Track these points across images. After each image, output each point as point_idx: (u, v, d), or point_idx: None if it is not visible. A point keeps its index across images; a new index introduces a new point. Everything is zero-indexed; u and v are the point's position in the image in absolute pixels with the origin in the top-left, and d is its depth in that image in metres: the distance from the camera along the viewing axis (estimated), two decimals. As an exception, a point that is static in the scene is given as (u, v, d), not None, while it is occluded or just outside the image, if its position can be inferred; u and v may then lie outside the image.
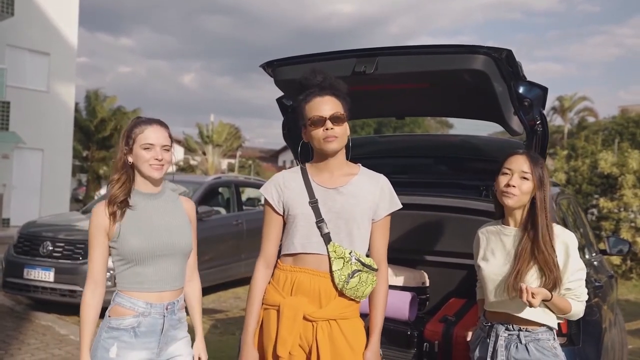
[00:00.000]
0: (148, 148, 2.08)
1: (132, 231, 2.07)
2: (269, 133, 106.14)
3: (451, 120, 38.55)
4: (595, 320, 2.76)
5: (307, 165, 2.23)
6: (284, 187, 2.19)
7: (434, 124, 41.34)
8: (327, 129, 2.07)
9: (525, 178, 2.15)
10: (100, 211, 2.08)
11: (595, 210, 10.91)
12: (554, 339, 2.19)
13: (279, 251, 2.24)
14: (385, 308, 2.19)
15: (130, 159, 2.11)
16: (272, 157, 58.08)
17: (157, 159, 2.08)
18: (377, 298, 2.18)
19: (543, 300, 2.06)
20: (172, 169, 2.21)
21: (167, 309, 2.12)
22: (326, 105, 2.10)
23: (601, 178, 10.89)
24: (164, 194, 2.21)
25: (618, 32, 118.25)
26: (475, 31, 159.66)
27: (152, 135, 2.09)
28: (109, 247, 2.09)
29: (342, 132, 2.10)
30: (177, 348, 2.17)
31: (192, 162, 33.78)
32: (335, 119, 2.09)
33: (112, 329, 2.06)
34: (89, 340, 2.06)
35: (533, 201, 2.17)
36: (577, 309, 2.15)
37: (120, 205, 2.07)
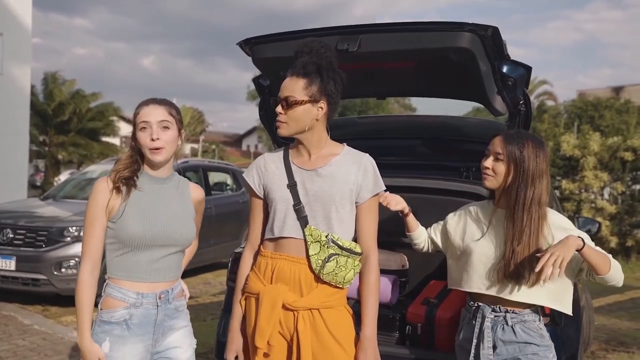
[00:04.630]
0: (144, 127, 1.97)
1: (134, 215, 1.95)
2: (233, 117, 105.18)
3: (414, 104, 38.91)
4: (575, 299, 2.79)
5: (290, 146, 2.13)
6: (264, 170, 2.11)
7: (397, 107, 41.61)
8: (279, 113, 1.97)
9: (498, 159, 2.12)
10: (103, 187, 1.95)
11: (557, 192, 11.20)
12: (540, 320, 2.19)
13: (262, 236, 2.16)
14: (377, 299, 2.07)
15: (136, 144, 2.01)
16: (236, 141, 57.64)
17: (151, 139, 1.95)
18: (366, 288, 2.07)
19: (579, 252, 1.93)
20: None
21: (160, 298, 2.00)
22: (290, 86, 1.97)
23: (563, 160, 11.16)
24: (172, 179, 2.11)
25: (577, 17, 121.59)
26: (439, 14, 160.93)
27: (147, 111, 1.98)
28: (107, 227, 1.96)
29: (292, 118, 1.96)
30: (175, 339, 2.05)
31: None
32: (287, 103, 1.96)
33: (104, 323, 1.94)
34: (89, 324, 1.91)
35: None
36: (616, 265, 2.00)
37: (124, 181, 1.95)
